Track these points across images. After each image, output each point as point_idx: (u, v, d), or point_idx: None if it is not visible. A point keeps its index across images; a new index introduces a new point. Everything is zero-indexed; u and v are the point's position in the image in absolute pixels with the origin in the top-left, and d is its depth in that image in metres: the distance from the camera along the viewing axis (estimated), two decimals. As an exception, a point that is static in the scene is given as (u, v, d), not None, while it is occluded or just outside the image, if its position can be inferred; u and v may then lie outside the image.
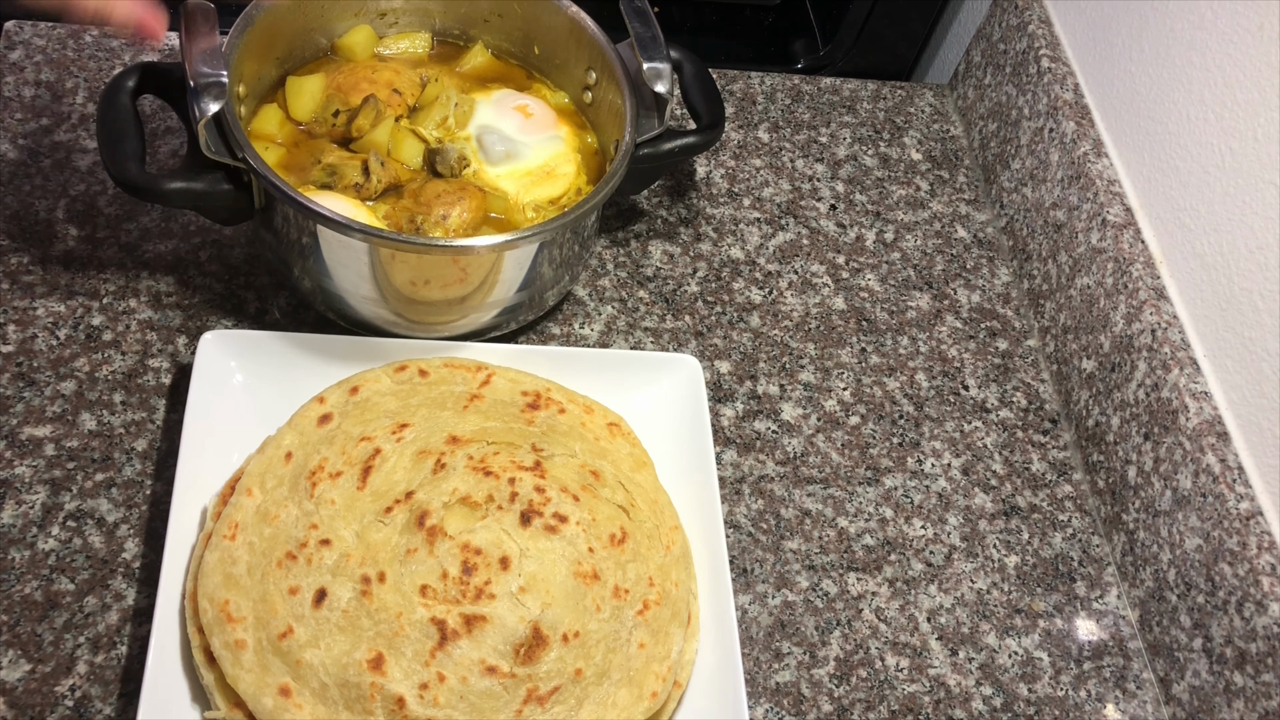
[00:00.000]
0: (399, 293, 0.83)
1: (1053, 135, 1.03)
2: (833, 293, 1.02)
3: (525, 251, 0.83)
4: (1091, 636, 0.87)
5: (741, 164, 1.09)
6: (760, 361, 0.96)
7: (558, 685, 0.71)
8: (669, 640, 0.75)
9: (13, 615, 0.74)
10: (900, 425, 0.95)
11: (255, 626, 0.70)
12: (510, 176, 0.90)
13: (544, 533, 0.74)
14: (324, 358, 0.84)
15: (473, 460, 0.77)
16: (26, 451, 0.81)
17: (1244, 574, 0.78)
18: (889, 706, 0.81)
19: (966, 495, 0.92)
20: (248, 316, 0.90)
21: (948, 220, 1.10)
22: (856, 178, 1.11)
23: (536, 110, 0.94)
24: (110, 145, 0.79)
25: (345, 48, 0.95)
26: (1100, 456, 0.93)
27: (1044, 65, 1.06)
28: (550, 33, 0.96)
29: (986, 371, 1.00)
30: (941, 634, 0.85)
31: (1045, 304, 1.02)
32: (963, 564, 0.88)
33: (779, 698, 0.80)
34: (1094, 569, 0.90)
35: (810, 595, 0.85)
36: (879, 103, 1.18)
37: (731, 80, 1.16)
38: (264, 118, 0.89)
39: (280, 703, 0.68)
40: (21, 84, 1.00)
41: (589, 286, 0.98)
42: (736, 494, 0.89)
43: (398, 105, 0.91)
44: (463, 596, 0.71)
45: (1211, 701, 0.80)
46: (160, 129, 0.99)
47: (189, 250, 0.93)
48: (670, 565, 0.78)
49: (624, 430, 0.84)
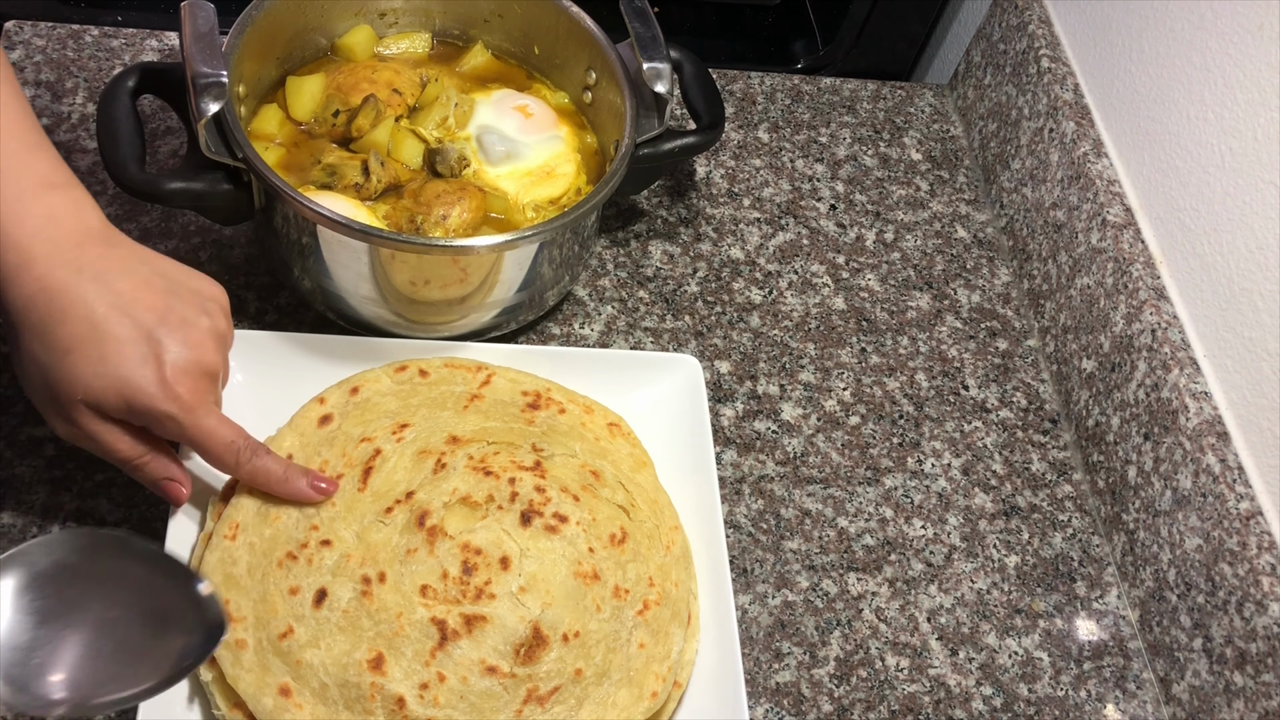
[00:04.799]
0: (399, 293, 0.83)
1: (1053, 135, 1.03)
2: (833, 293, 1.02)
3: (525, 251, 0.83)
4: (1091, 636, 0.87)
5: (741, 164, 1.09)
6: (760, 361, 0.96)
7: (558, 685, 0.71)
8: (669, 640, 0.75)
9: (13, 615, 0.74)
10: (900, 425, 0.95)
11: (255, 626, 0.70)
12: (510, 176, 0.90)
13: (544, 533, 0.74)
14: (324, 358, 0.84)
15: (473, 460, 0.77)
16: (26, 451, 0.81)
17: (1244, 574, 0.78)
18: (889, 706, 0.81)
19: (966, 495, 0.92)
20: (248, 316, 0.90)
21: (948, 220, 1.10)
22: (856, 178, 1.11)
23: (536, 110, 0.94)
24: (110, 145, 0.79)
25: (345, 48, 0.95)
26: (1100, 456, 0.93)
27: (1044, 65, 1.06)
28: (550, 33, 0.96)
29: (986, 371, 1.00)
30: (941, 634, 0.85)
31: (1045, 304, 1.02)
32: (963, 564, 0.88)
33: (779, 698, 0.80)
34: (1094, 569, 0.90)
35: (810, 595, 0.85)
36: (879, 103, 1.18)
37: (731, 80, 1.16)
38: (264, 118, 0.89)
39: (280, 703, 0.68)
40: (21, 84, 1.00)
41: (589, 286, 0.98)
42: (736, 494, 0.89)
43: (398, 105, 0.91)
44: (463, 596, 0.71)
45: (1211, 701, 0.80)
46: (160, 129, 0.99)
47: (189, 250, 0.93)
48: (670, 565, 0.78)
49: (624, 430, 0.84)
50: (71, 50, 1.03)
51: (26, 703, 0.57)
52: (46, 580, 0.58)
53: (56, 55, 1.02)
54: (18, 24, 1.03)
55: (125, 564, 0.61)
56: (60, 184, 0.68)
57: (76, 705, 0.57)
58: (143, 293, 0.67)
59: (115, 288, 0.66)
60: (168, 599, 0.60)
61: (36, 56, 1.02)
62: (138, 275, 0.68)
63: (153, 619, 0.59)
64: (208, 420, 0.68)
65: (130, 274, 0.67)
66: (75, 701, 0.57)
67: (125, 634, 0.59)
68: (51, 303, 0.65)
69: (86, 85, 1.01)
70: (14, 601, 0.57)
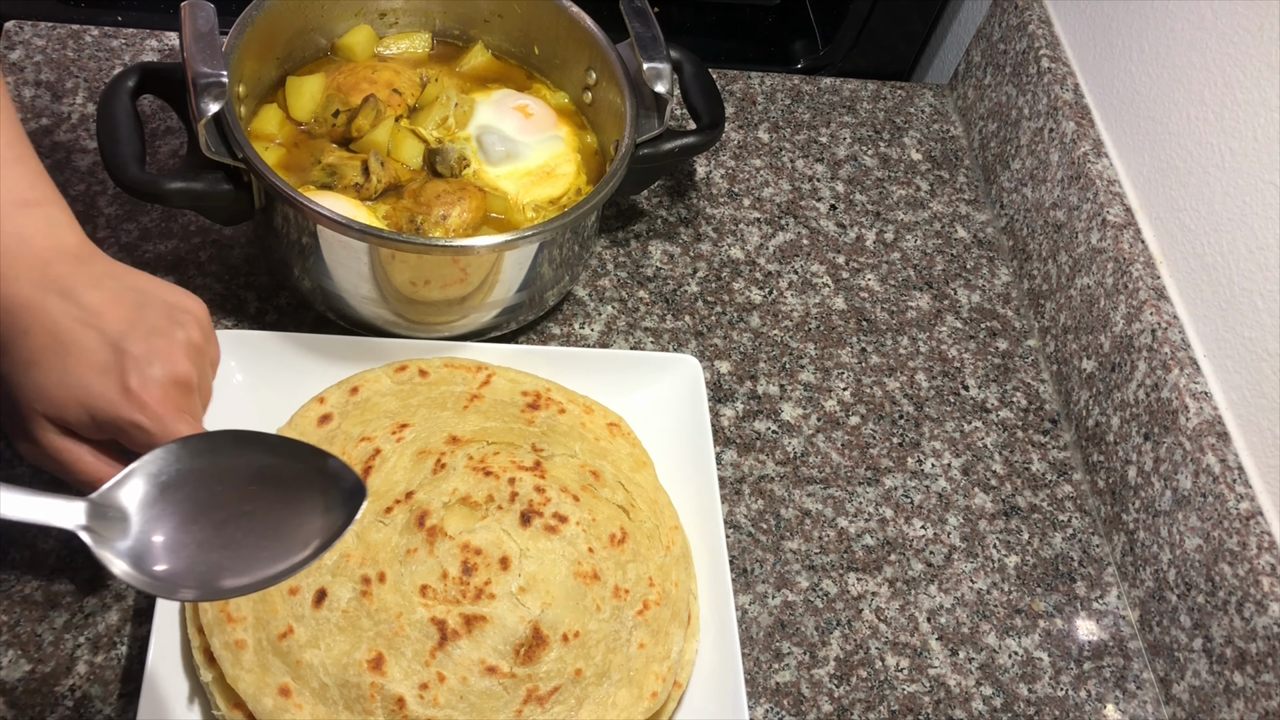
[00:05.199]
0: (399, 293, 0.83)
1: (1053, 135, 1.03)
2: (833, 293, 1.02)
3: (525, 251, 0.83)
4: (1091, 636, 0.87)
5: (741, 164, 1.09)
6: (760, 361, 0.96)
7: (558, 685, 0.71)
8: (669, 640, 0.75)
9: (13, 615, 0.74)
10: (900, 425, 0.95)
11: (255, 626, 0.70)
12: (510, 176, 0.90)
13: (544, 533, 0.74)
14: (324, 358, 0.84)
15: (473, 460, 0.77)
16: (26, 451, 0.81)
17: (1244, 574, 0.78)
18: (889, 706, 0.81)
19: (966, 495, 0.92)
20: (248, 316, 0.90)
21: (948, 220, 1.10)
22: (856, 178, 1.11)
23: (536, 110, 0.94)
24: (110, 145, 0.79)
25: (345, 48, 0.95)
26: (1100, 456, 0.93)
27: (1044, 65, 1.06)
28: (550, 33, 0.96)
29: (986, 371, 1.00)
30: (941, 634, 0.85)
31: (1045, 304, 1.02)
32: (963, 564, 0.88)
33: (779, 698, 0.80)
34: (1094, 569, 0.90)
35: (810, 595, 0.85)
36: (879, 103, 1.18)
37: (731, 80, 1.16)
38: (264, 118, 0.89)
39: (280, 703, 0.68)
40: (21, 84, 1.00)
41: (589, 286, 0.98)
42: (736, 494, 0.89)
43: (398, 105, 0.91)
44: (463, 596, 0.71)
45: (1211, 701, 0.80)
46: (160, 129, 0.99)
47: (189, 250, 0.93)
48: (670, 565, 0.78)
49: (624, 430, 0.84)
50: (71, 50, 1.03)
51: (191, 596, 0.59)
52: (173, 488, 0.57)
53: (56, 55, 1.02)
54: (18, 24, 1.03)
55: (247, 457, 0.60)
56: (36, 201, 0.66)
57: (211, 590, 0.58)
58: (110, 306, 0.65)
59: (81, 302, 0.64)
60: (298, 480, 0.59)
61: (36, 56, 1.02)
62: (106, 289, 0.66)
63: (288, 502, 0.58)
64: (178, 428, 0.64)
65: (99, 288, 0.65)
66: (235, 586, 0.57)
67: (265, 522, 0.58)
68: (15, 319, 0.63)
69: (86, 85, 1.01)
70: (144, 513, 0.57)
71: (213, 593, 0.58)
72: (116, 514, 0.56)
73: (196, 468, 0.58)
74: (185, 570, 0.56)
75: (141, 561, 0.56)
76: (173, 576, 0.56)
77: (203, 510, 0.58)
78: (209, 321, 0.71)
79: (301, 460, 0.60)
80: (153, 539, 0.57)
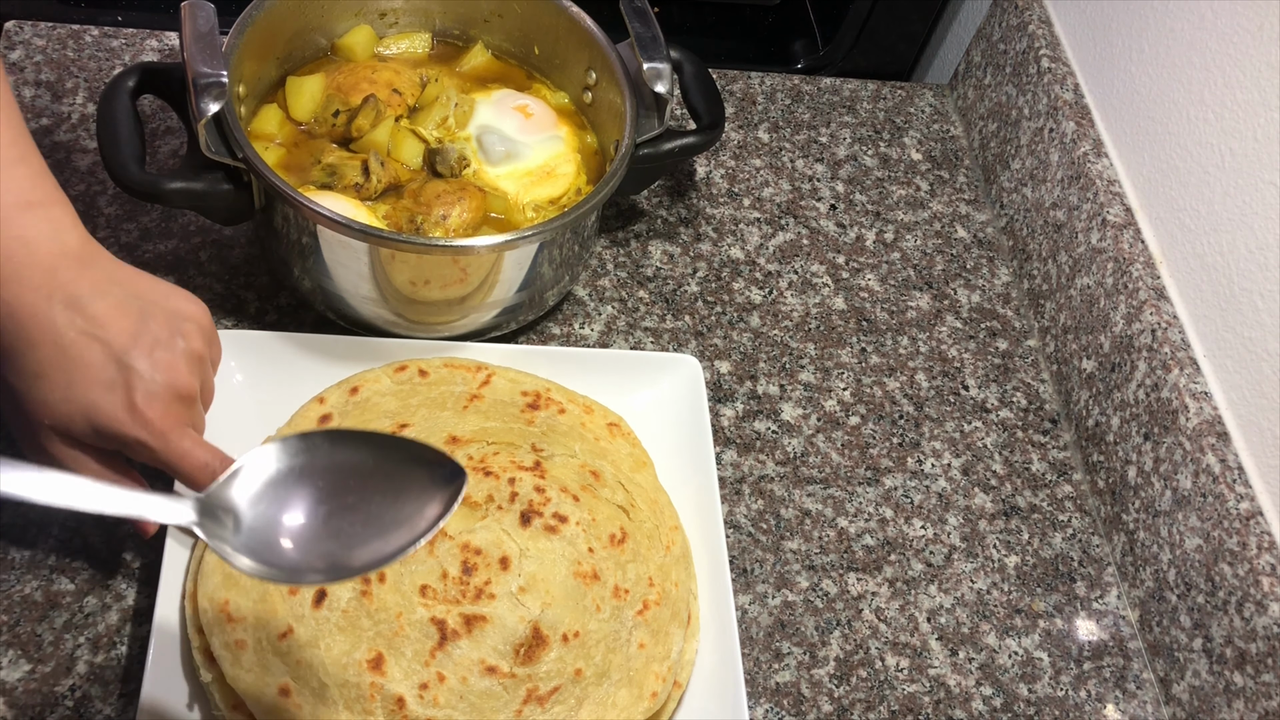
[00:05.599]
0: (399, 293, 0.83)
1: (1053, 135, 1.03)
2: (833, 293, 1.02)
3: (525, 251, 0.83)
4: (1091, 636, 0.87)
5: (741, 164, 1.09)
6: (760, 361, 0.96)
7: (558, 685, 0.71)
8: (669, 640, 0.75)
9: (13, 615, 0.74)
10: (900, 425, 0.95)
11: (255, 626, 0.70)
12: (510, 176, 0.90)
13: (544, 533, 0.74)
14: (324, 358, 0.84)
15: (473, 460, 0.77)
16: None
17: (1244, 574, 0.78)
18: (889, 706, 0.81)
19: (966, 495, 0.92)
20: (248, 316, 0.90)
21: (948, 220, 1.10)
22: (856, 178, 1.11)
23: (536, 110, 0.94)
24: (110, 145, 0.79)
25: (345, 48, 0.95)
26: (1100, 456, 0.93)
27: (1044, 65, 1.06)
28: (550, 33, 0.96)
29: (986, 371, 1.00)
30: (941, 634, 0.85)
31: (1045, 304, 1.02)
32: (963, 564, 0.88)
33: (779, 698, 0.80)
34: (1094, 569, 0.90)
35: (810, 595, 0.85)
36: (879, 103, 1.18)
37: (731, 80, 1.16)
38: (264, 118, 0.89)
39: (280, 703, 0.68)
40: (21, 84, 1.00)
41: (589, 286, 0.98)
42: (736, 494, 0.89)
43: (398, 105, 0.91)
44: (462, 596, 0.71)
45: (1211, 702, 0.80)
46: (160, 129, 0.99)
47: (189, 250, 0.93)
48: (670, 565, 0.78)
49: (624, 430, 0.84)
50: (71, 50, 1.03)
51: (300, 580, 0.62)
52: (277, 484, 0.60)
53: (56, 55, 1.02)
54: (18, 24, 1.03)
55: (344, 454, 0.62)
56: (38, 202, 0.66)
57: (339, 570, 0.60)
58: (114, 316, 0.66)
59: (86, 312, 0.65)
60: (395, 471, 0.61)
61: (36, 56, 1.02)
62: (110, 298, 0.66)
63: (386, 492, 0.61)
64: (181, 443, 0.67)
65: (103, 297, 0.66)
66: (342, 567, 0.59)
67: (368, 511, 0.60)
68: (21, 329, 0.64)
69: (86, 85, 1.01)
70: (254, 509, 0.59)
71: (342, 572, 0.60)
72: (226, 510, 0.59)
73: (297, 465, 0.61)
74: (302, 559, 0.59)
75: (259, 553, 0.58)
76: (295, 564, 0.59)
77: (308, 504, 0.60)
78: (211, 325, 0.72)
79: (396, 452, 0.63)
80: (267, 532, 0.59)
